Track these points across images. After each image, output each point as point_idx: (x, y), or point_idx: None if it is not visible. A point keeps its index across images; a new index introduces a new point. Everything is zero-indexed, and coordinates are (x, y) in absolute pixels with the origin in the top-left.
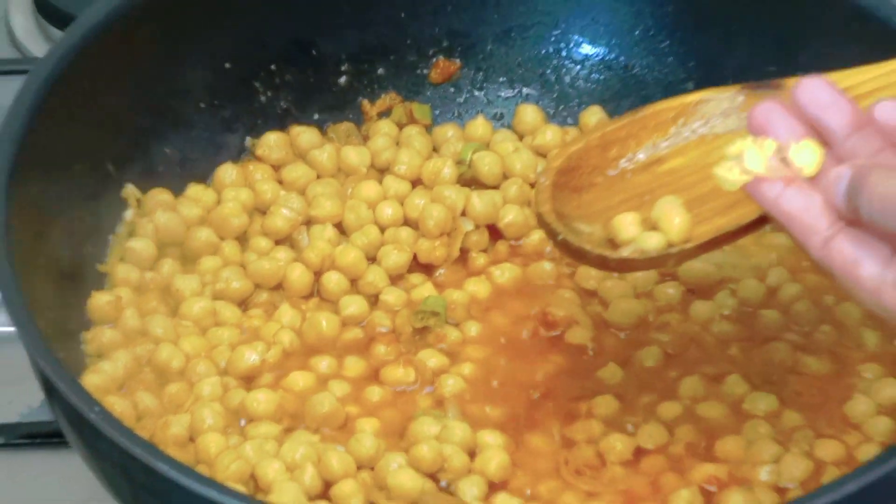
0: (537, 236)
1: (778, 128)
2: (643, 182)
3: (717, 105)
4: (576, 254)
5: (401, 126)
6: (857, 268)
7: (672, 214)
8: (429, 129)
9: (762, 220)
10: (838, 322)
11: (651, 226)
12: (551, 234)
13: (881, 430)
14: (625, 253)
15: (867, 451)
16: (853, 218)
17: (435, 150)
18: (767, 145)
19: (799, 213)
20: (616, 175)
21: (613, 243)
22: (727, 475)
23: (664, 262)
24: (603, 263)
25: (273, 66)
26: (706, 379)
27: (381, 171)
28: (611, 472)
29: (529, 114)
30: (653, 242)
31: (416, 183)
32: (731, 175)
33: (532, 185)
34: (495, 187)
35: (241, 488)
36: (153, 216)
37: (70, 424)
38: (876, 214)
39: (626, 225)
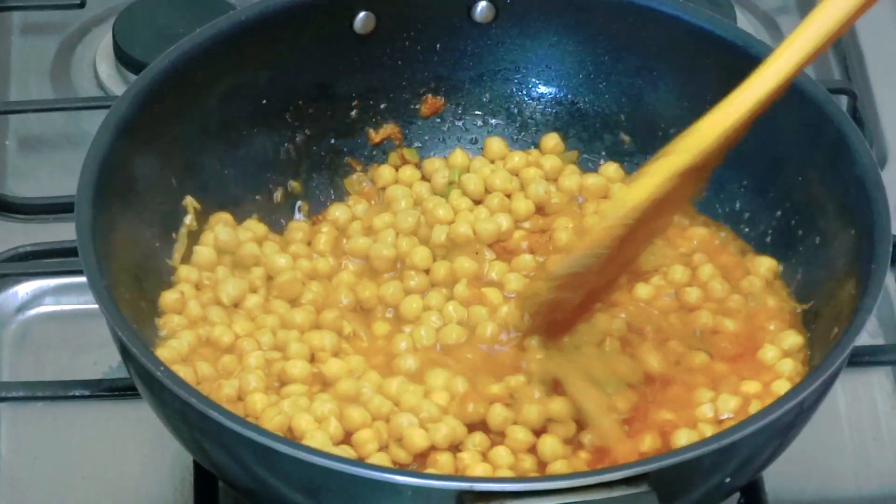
0: (516, 235)
1: None
2: None
3: None
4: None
5: (396, 167)
6: None
7: None
8: (418, 165)
9: None
10: (745, 291)
11: None
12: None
13: (788, 369)
14: None
15: (780, 385)
16: None
17: (425, 178)
18: None
19: None
20: None
21: None
22: (677, 418)
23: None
24: None
25: (300, 102)
26: (654, 343)
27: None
28: None
29: (495, 143)
30: None
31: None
32: None
33: (509, 196)
34: (480, 202)
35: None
36: (215, 230)
37: (141, 380)
38: None
39: None
